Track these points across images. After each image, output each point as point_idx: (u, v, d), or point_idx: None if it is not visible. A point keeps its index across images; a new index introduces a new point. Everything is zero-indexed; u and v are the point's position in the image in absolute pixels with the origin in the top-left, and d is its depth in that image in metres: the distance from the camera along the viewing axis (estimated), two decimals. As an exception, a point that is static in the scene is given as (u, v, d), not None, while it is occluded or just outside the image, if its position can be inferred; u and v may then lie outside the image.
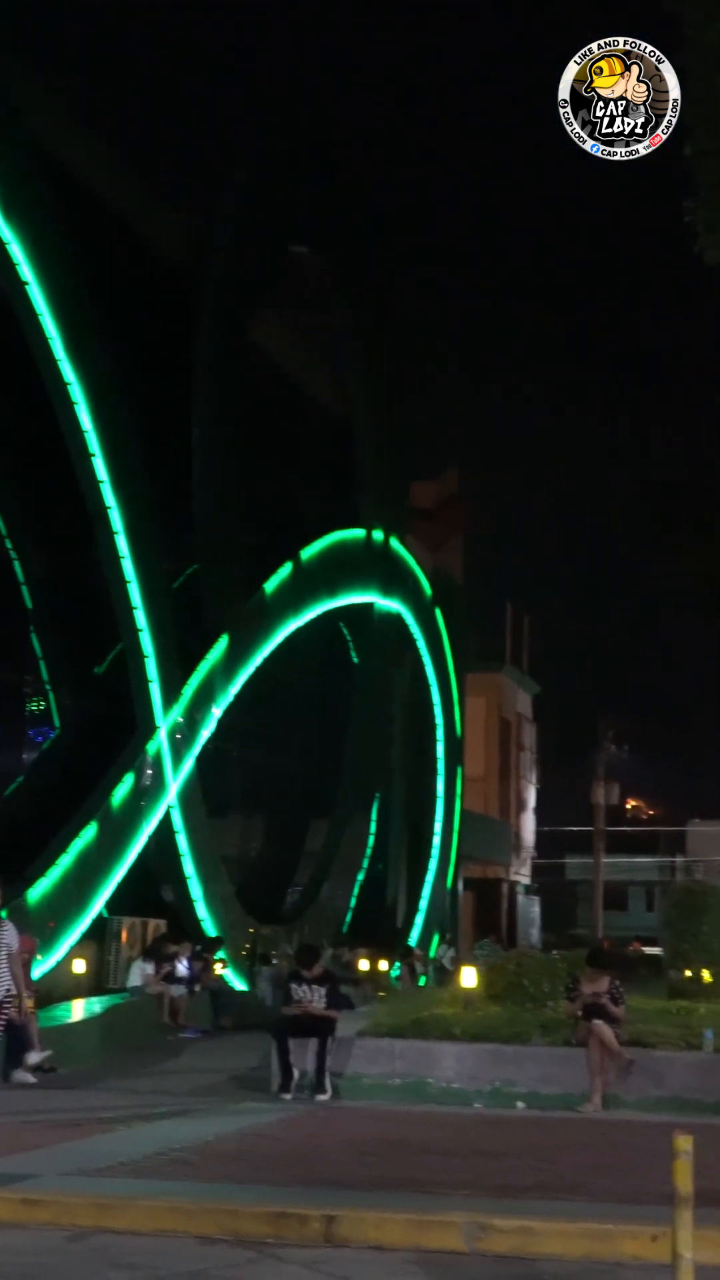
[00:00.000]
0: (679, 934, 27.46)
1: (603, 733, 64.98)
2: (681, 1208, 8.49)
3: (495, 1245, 10.95)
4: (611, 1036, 18.06)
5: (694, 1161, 8.76)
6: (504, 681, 67.46)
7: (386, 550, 45.68)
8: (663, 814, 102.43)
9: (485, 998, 21.40)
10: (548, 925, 71.76)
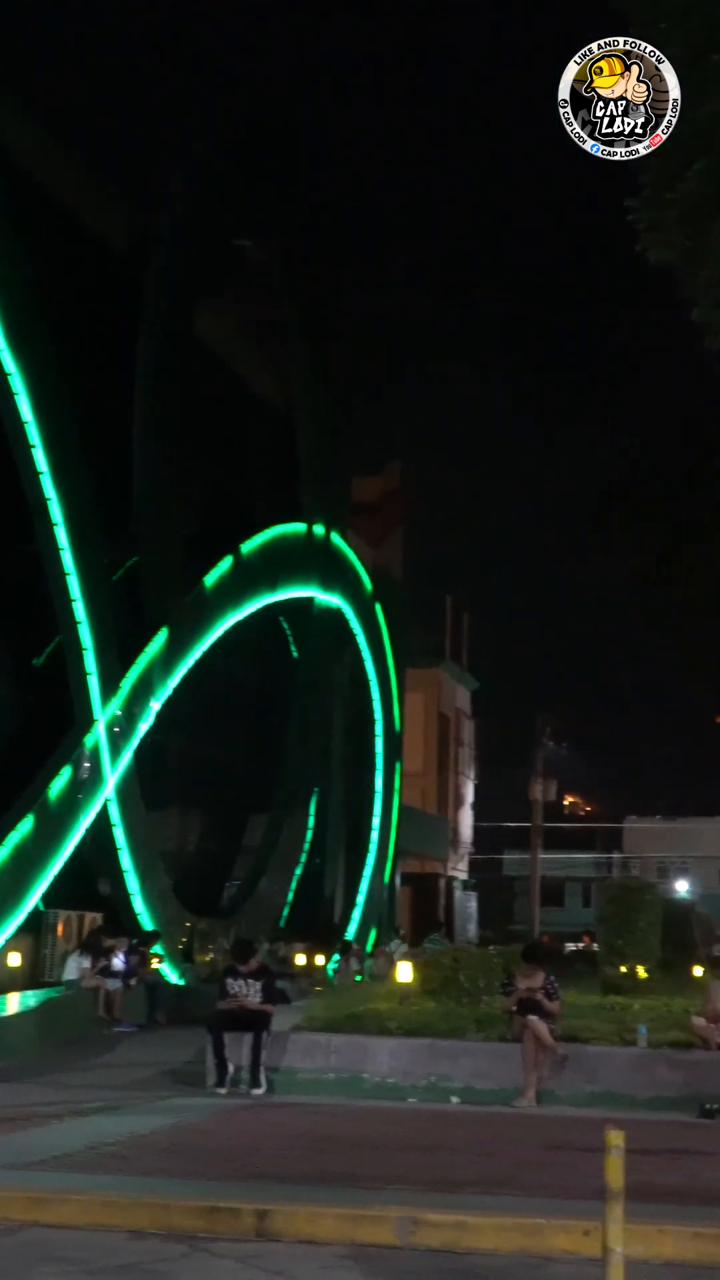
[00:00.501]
0: (614, 930, 27.58)
1: (541, 729, 65.12)
2: (612, 1202, 8.54)
3: (428, 1239, 10.98)
4: (546, 1032, 18.13)
5: (626, 1157, 8.81)
6: (443, 677, 67.57)
7: (327, 545, 45.68)
8: (600, 810, 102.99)
9: (421, 993, 21.47)
10: (485, 921, 71.96)
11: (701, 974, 29.29)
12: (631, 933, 27.35)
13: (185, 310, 37.41)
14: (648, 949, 27.49)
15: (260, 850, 43.16)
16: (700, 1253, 10.72)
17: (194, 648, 36.35)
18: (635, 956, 27.20)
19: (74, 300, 32.23)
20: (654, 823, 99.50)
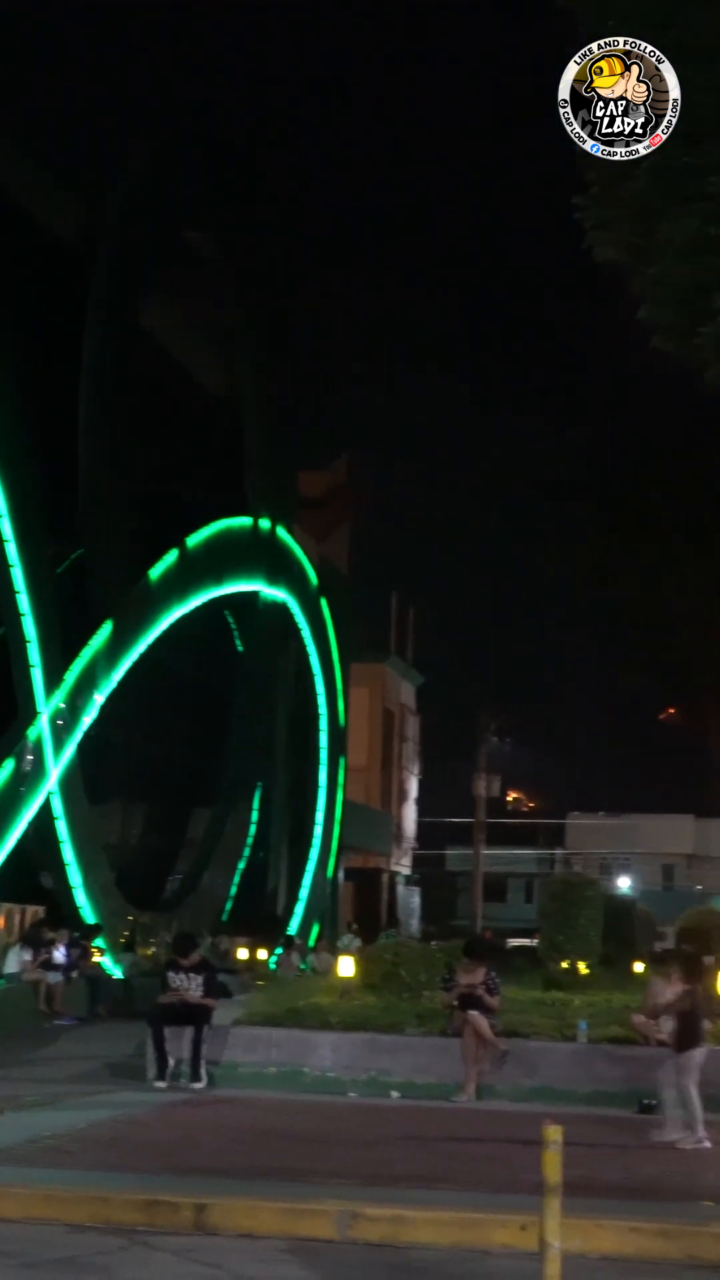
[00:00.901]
0: (556, 926, 27.64)
1: (485, 725, 65.23)
2: (550, 1197, 8.56)
3: (367, 1233, 11.00)
4: (486, 1027, 18.16)
5: (564, 1151, 8.84)
6: (388, 672, 67.62)
7: (273, 539, 45.65)
8: (543, 806, 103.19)
9: (362, 987, 21.48)
10: (427, 916, 72.02)
11: (642, 970, 29.40)
12: (573, 929, 27.40)
13: (132, 303, 37.34)
14: (589, 945, 27.54)
15: (203, 844, 43.12)
16: (637, 1247, 10.78)
17: (138, 641, 36.27)
18: (576, 952, 27.25)
19: (19, 292, 32.08)
20: (597, 819, 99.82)
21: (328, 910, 51.57)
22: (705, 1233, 10.88)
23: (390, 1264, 10.42)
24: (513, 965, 30.81)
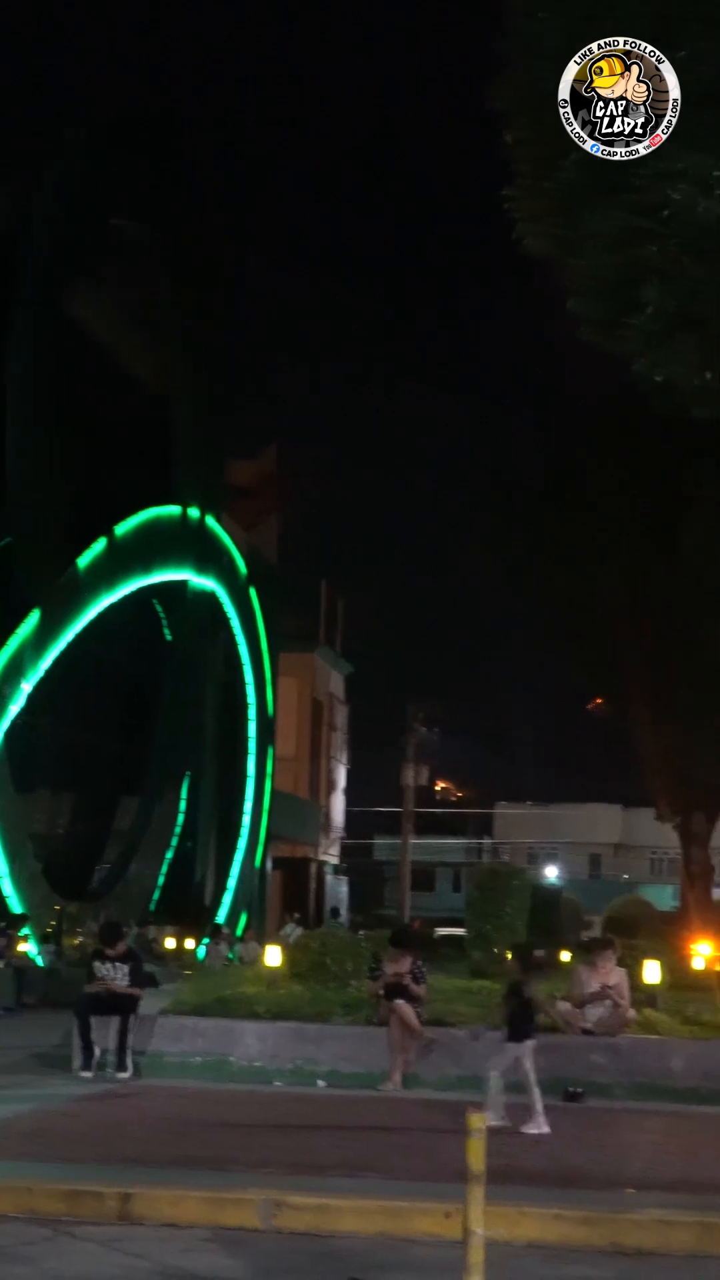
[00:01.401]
0: (482, 915, 27.73)
1: (413, 715, 65.35)
2: (473, 1185, 8.60)
3: (291, 1222, 11.01)
4: (412, 1016, 18.20)
5: (489, 1139, 8.88)
6: (317, 662, 67.65)
7: (202, 528, 45.55)
8: (471, 796, 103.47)
9: (289, 976, 21.48)
10: (355, 905, 72.12)
11: (569, 959, 29.57)
12: (499, 918, 27.51)
13: (59, 290, 37.14)
14: (516, 934, 27.64)
15: (131, 834, 43.01)
16: (561, 1234, 10.83)
17: (66, 629, 36.14)
18: (503, 941, 27.35)
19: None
20: (524, 809, 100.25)
21: (255, 900, 51.53)
22: (628, 1220, 10.95)
23: (314, 1253, 10.44)
24: (440, 954, 30.92)
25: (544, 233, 16.94)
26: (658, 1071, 18.12)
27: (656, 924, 44.57)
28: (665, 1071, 18.14)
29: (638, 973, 20.61)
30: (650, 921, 46.32)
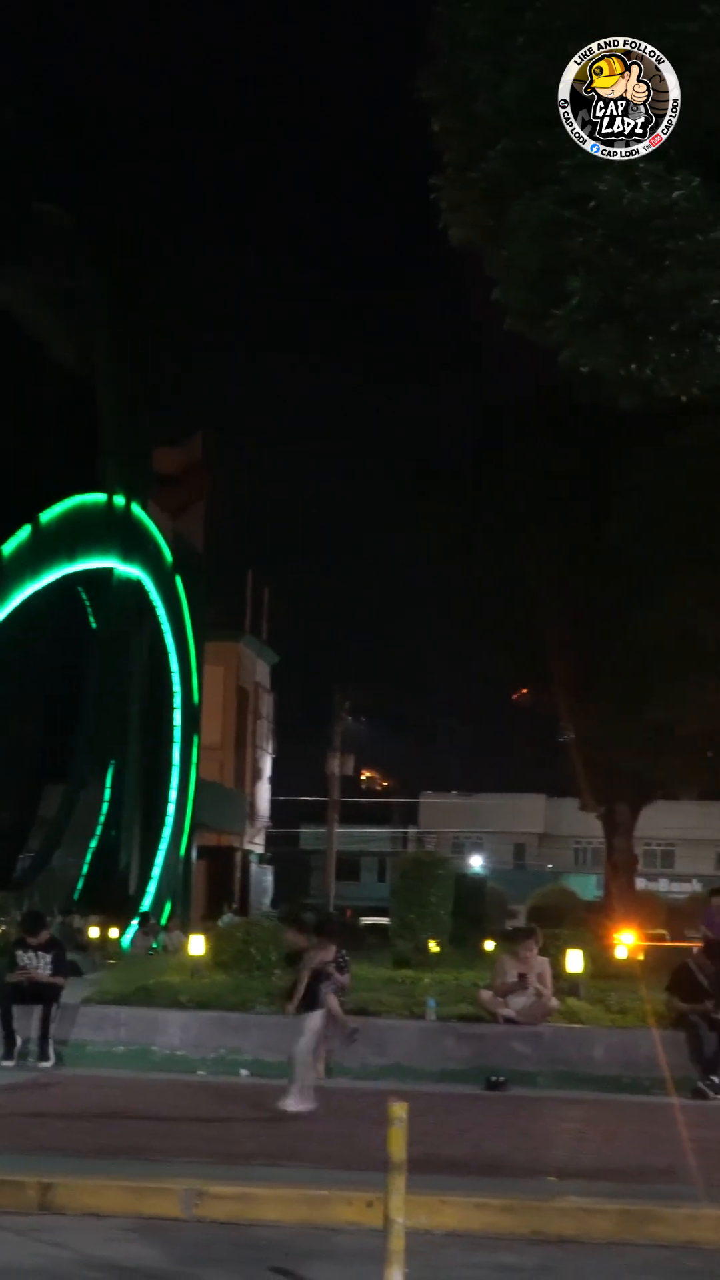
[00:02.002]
0: (406, 904, 27.81)
1: (339, 704, 65.44)
2: (394, 1174, 8.61)
3: (213, 1211, 11.00)
4: (336, 1005, 18.20)
5: (411, 1128, 8.89)
6: (243, 651, 67.57)
7: (128, 515, 45.37)
8: (396, 786, 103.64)
9: (213, 966, 21.47)
10: (280, 894, 72.13)
11: (493, 948, 29.66)
12: (424, 907, 27.60)
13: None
14: (439, 923, 27.75)
15: (55, 822, 42.81)
16: (483, 1223, 10.86)
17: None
18: (427, 930, 27.45)
19: None
20: (449, 798, 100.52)
21: (180, 889, 51.44)
22: (549, 1207, 10.99)
23: (236, 1242, 10.43)
24: (364, 944, 30.98)
25: (470, 223, 16.94)
26: (580, 1060, 18.22)
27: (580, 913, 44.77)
28: (587, 1060, 18.24)
29: (560, 962, 20.72)
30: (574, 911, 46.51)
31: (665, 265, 15.03)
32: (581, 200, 15.28)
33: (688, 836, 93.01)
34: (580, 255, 15.44)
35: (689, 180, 14.87)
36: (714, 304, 15.03)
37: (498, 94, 15.89)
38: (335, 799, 64.99)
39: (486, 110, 16.12)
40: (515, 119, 15.85)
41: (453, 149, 16.88)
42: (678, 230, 14.92)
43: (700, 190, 14.87)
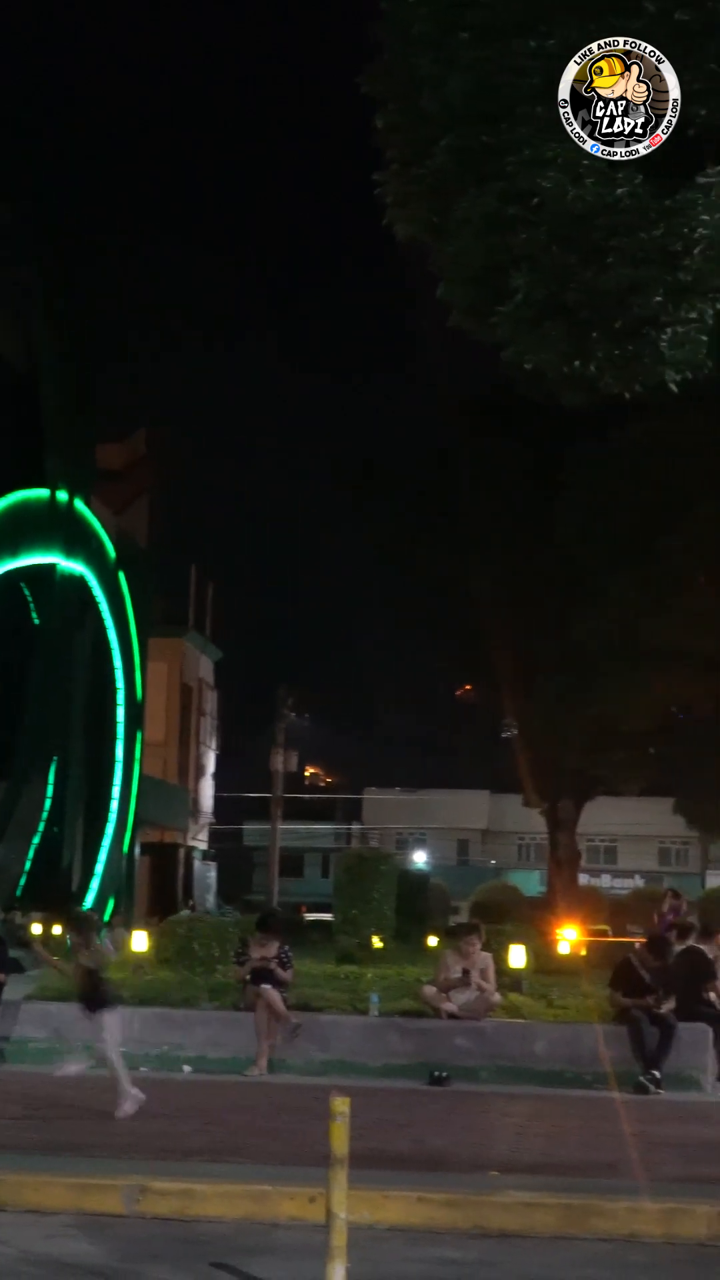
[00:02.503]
0: (349, 900, 27.86)
1: (282, 700, 65.41)
2: (336, 1169, 8.62)
3: (155, 1207, 10.99)
4: (279, 1001, 18.21)
5: (354, 1123, 8.90)
6: (186, 647, 67.40)
7: (70, 511, 45.15)
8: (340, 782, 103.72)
9: (156, 962, 21.43)
10: (224, 891, 72.05)
11: (436, 944, 29.73)
12: (367, 903, 27.67)
13: None
14: (383, 919, 27.82)
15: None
16: (425, 1217, 10.88)
17: (-68, 613, 35.74)
18: (370, 926, 27.51)
19: None
20: (393, 794, 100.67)
21: (123, 886, 51.28)
22: (491, 1202, 11.02)
23: (178, 1237, 10.43)
24: (308, 939, 31.00)
25: (415, 219, 16.94)
26: (522, 1055, 18.27)
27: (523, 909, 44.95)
28: (530, 1055, 18.29)
29: (503, 957, 20.77)
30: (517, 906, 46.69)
31: (609, 262, 15.07)
32: (526, 197, 15.31)
33: (631, 832, 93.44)
34: (524, 252, 15.47)
35: (632, 178, 14.92)
36: (657, 301, 15.08)
37: (442, 90, 15.90)
38: (279, 795, 64.97)
39: (431, 106, 16.12)
40: (460, 115, 15.86)
41: (397, 145, 16.88)
42: (621, 227, 14.97)
43: (643, 188, 14.92)
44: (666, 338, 15.32)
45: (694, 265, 14.90)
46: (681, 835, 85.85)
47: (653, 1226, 10.86)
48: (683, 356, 15.46)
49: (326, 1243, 8.63)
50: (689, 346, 15.40)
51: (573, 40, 15.06)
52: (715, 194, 14.78)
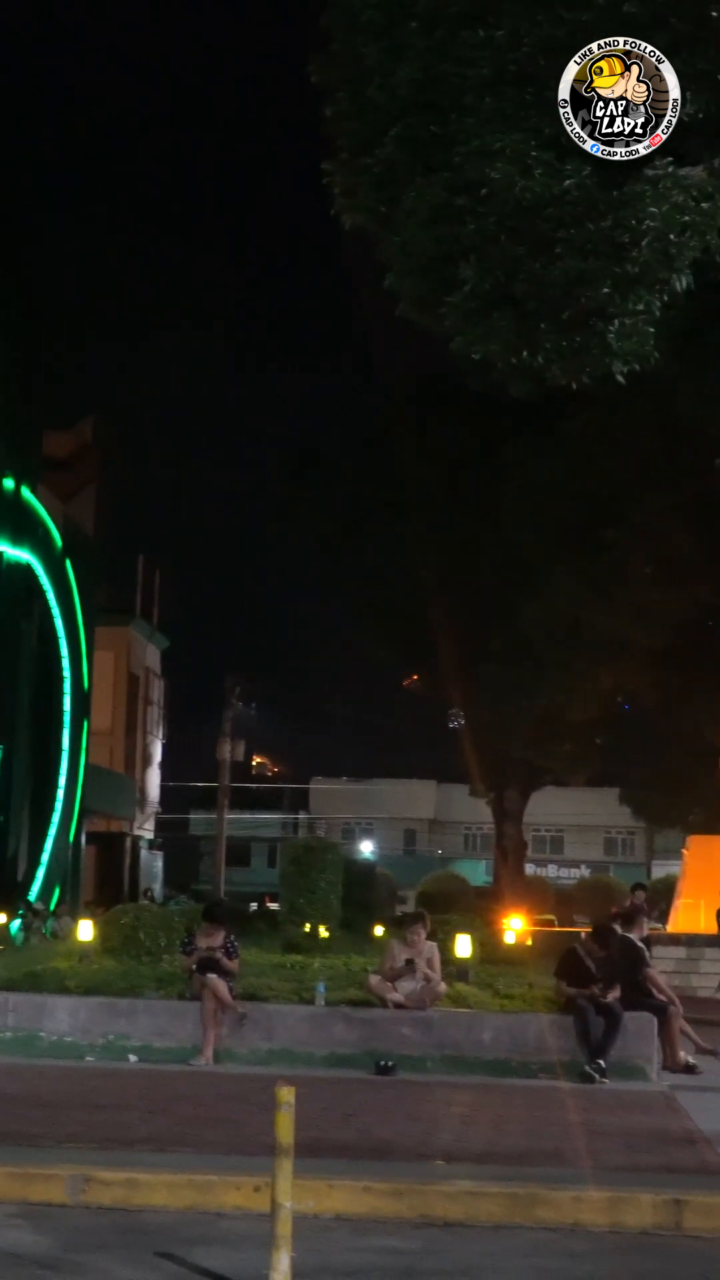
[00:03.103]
0: (295, 889, 27.84)
1: (230, 689, 65.32)
2: (282, 1158, 8.62)
3: (100, 1197, 10.97)
4: (225, 990, 18.21)
5: (299, 1112, 8.90)
6: (133, 636, 67.27)
7: (17, 499, 45.04)
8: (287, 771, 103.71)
9: (102, 951, 21.39)
10: (170, 880, 71.98)
11: (382, 933, 29.77)
12: (313, 892, 27.66)
13: None
14: (329, 908, 27.81)
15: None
16: (370, 1206, 10.89)
17: None
18: (317, 916, 27.50)
19: None
20: (340, 784, 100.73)
21: (69, 875, 51.18)
22: (436, 1191, 11.04)
23: (122, 1227, 10.41)
24: (253, 929, 30.97)
25: (362, 208, 16.94)
26: (468, 1044, 18.30)
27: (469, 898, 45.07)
28: (476, 1044, 18.32)
29: (449, 947, 20.80)
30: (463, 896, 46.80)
31: (556, 253, 15.10)
32: (474, 187, 15.33)
33: (576, 823, 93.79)
34: (472, 243, 15.48)
35: (580, 169, 14.95)
36: (605, 293, 15.12)
37: (390, 80, 15.90)
38: (225, 784, 64.84)
39: (379, 96, 16.12)
40: (408, 105, 15.87)
41: (345, 134, 16.87)
42: (569, 219, 14.99)
43: (591, 179, 14.96)
44: (614, 329, 15.36)
45: (641, 257, 14.95)
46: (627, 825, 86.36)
47: (597, 1215, 10.90)
48: (630, 348, 15.50)
49: (271, 1232, 8.63)
50: (636, 338, 15.44)
51: (521, 31, 15.08)
52: (663, 186, 14.83)
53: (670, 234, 14.90)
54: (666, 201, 14.81)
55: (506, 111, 15.16)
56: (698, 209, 14.97)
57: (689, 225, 14.97)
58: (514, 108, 15.32)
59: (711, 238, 15.21)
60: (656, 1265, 10.08)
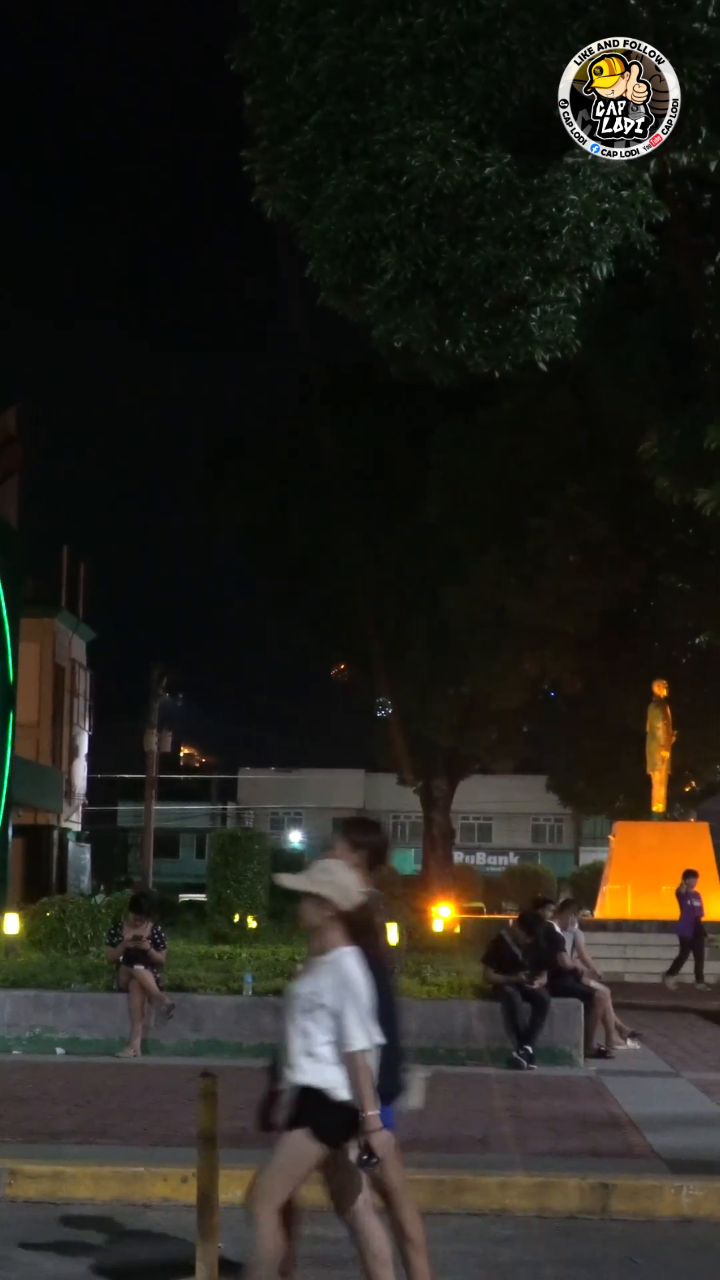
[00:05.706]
0: (223, 880, 27.83)
1: (156, 680, 65.17)
2: (207, 1148, 8.60)
3: (25, 1190, 10.93)
4: (152, 981, 18.15)
5: (226, 1103, 8.89)
6: (58, 627, 66.94)
7: (-61, 491, 44.81)
8: (215, 762, 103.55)
9: (28, 944, 21.31)
10: (98, 872, 71.72)
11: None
12: (240, 883, 27.65)
13: None
14: (256, 899, 27.80)
15: None
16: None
17: None
18: (244, 906, 27.49)
19: None
20: (268, 774, 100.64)
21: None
22: (362, 1178, 11.03)
23: (48, 1220, 10.37)
24: (181, 919, 30.93)
25: (282, 196, 16.91)
26: (395, 1032, 18.29)
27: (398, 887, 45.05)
28: (403, 1031, 18.30)
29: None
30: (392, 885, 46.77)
31: (477, 241, 15.12)
32: (393, 175, 15.34)
33: (504, 810, 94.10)
34: (392, 230, 15.49)
35: (500, 157, 14.98)
36: (525, 281, 15.15)
37: (309, 67, 15.88)
38: (153, 776, 64.71)
39: (298, 83, 16.10)
40: (327, 92, 15.85)
41: (265, 121, 16.85)
42: (489, 207, 15.02)
43: (511, 167, 14.98)
44: (535, 317, 15.40)
45: (562, 244, 14.98)
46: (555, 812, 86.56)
47: (523, 1200, 10.93)
48: (551, 335, 15.54)
49: (199, 1223, 8.61)
50: (557, 325, 15.48)
51: (440, 19, 15.09)
52: (583, 174, 14.86)
53: (590, 221, 14.95)
54: (586, 189, 14.85)
55: (425, 99, 15.17)
56: (618, 196, 15.02)
57: (609, 213, 15.02)
58: (433, 95, 15.33)
59: (631, 225, 15.27)
60: (583, 1249, 10.12)
